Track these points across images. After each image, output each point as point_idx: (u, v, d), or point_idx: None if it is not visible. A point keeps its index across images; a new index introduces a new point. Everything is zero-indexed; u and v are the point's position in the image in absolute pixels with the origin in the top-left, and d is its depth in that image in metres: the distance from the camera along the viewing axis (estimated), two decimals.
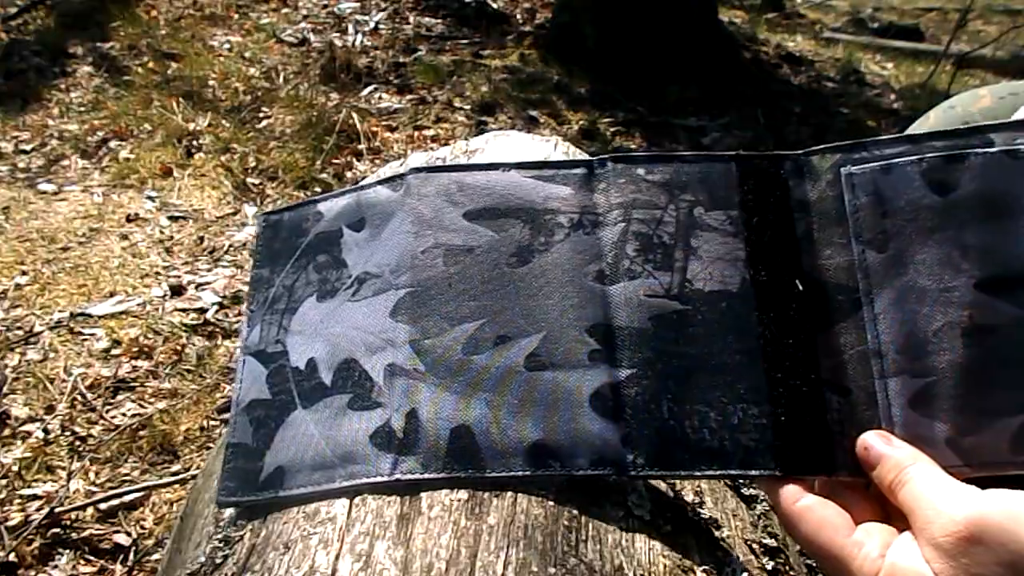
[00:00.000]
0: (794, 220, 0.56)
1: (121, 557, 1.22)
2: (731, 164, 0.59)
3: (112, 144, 2.55)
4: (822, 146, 0.57)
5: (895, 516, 0.45)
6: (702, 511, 0.55)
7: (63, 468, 1.35)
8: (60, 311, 1.74)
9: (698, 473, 0.50)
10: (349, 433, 0.54)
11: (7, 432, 1.41)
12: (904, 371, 0.49)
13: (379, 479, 0.51)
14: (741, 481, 0.61)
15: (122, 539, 1.25)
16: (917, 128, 1.06)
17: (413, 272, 0.58)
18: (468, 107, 2.97)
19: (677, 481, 0.56)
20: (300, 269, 0.63)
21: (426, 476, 0.51)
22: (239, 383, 0.60)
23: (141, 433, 1.44)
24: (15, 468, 1.33)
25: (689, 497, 0.56)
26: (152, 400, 1.52)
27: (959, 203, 0.51)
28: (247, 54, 3.21)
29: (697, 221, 0.57)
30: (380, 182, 0.64)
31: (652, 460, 0.50)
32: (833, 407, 0.50)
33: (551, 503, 0.50)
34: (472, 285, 0.57)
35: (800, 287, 0.54)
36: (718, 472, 0.50)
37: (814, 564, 0.60)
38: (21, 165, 2.43)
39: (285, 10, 3.69)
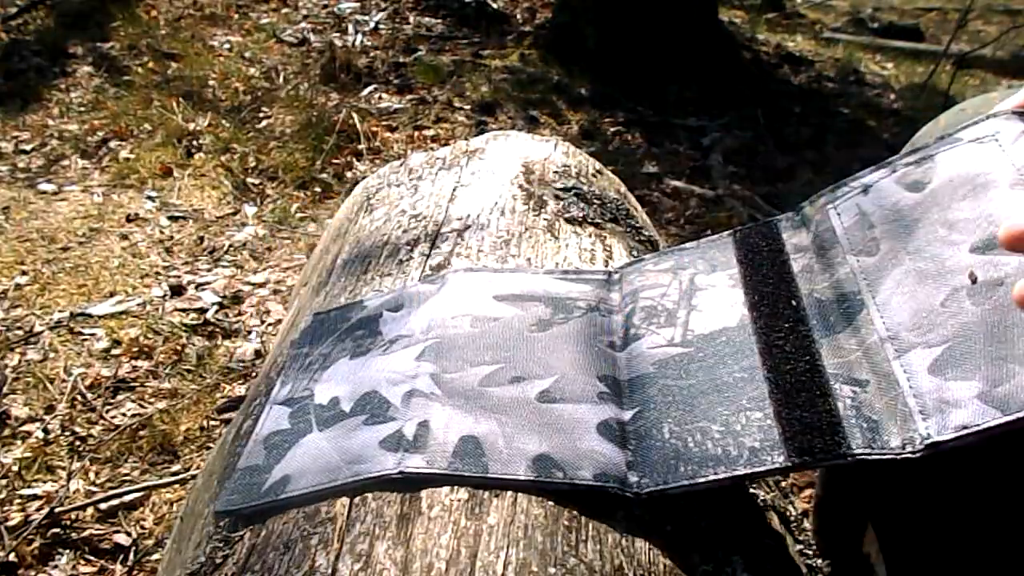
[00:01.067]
0: (792, 260, 0.59)
1: (121, 557, 1.22)
2: (729, 238, 0.64)
3: (112, 144, 2.55)
4: (810, 198, 0.62)
5: None
6: (702, 512, 0.55)
7: (63, 468, 1.35)
8: (60, 311, 1.74)
9: (702, 480, 0.49)
10: (360, 442, 0.55)
11: (7, 432, 1.41)
12: (917, 344, 0.48)
13: (383, 472, 0.52)
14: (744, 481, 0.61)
15: (122, 539, 1.25)
16: (928, 131, 1.07)
17: (441, 329, 0.63)
18: (468, 107, 2.97)
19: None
20: (338, 342, 0.67)
21: (430, 470, 0.51)
22: (260, 425, 0.61)
23: (141, 433, 1.43)
24: (15, 468, 1.33)
25: (689, 498, 0.56)
26: (152, 400, 1.52)
27: (937, 191, 0.53)
28: (247, 54, 3.21)
29: (698, 285, 0.62)
30: (422, 281, 0.72)
31: (656, 478, 0.50)
32: (846, 395, 0.49)
33: (551, 503, 0.50)
34: (494, 340, 0.61)
35: (795, 303, 0.55)
36: (724, 475, 0.49)
37: (815, 565, 0.60)
38: (21, 165, 2.43)
39: (285, 10, 3.69)
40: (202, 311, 1.79)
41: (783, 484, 0.69)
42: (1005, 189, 0.50)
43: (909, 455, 0.45)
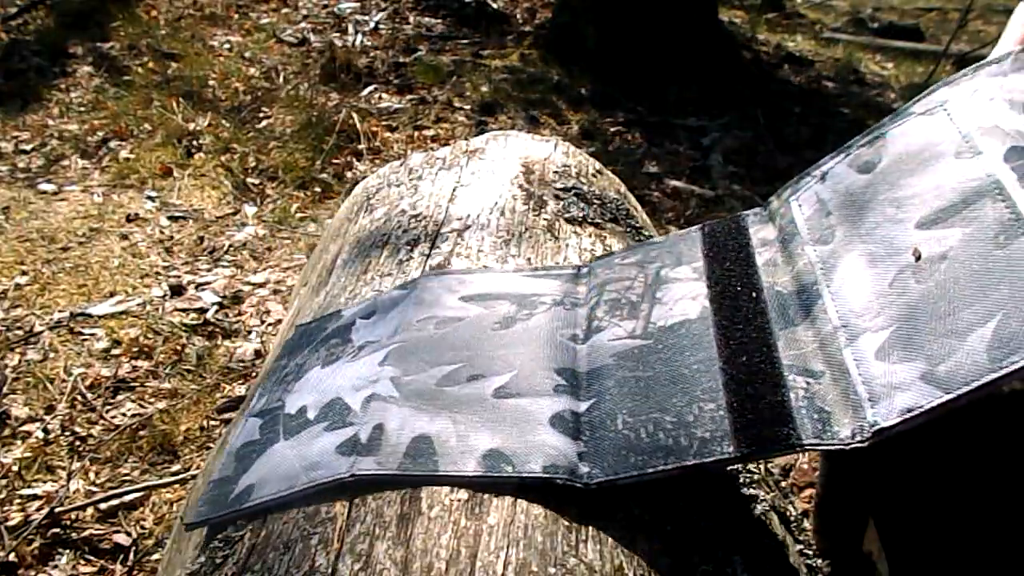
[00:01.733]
0: (757, 254, 0.59)
1: (121, 557, 1.22)
2: (697, 232, 0.64)
3: (112, 144, 2.54)
4: (777, 191, 0.62)
5: None
6: (702, 512, 0.55)
7: (63, 468, 1.35)
8: (60, 311, 1.74)
9: (651, 471, 0.49)
10: (319, 448, 0.55)
11: (7, 432, 1.41)
12: (865, 330, 0.48)
13: (336, 476, 0.52)
14: (741, 481, 0.61)
15: (122, 539, 1.25)
16: None
17: (406, 333, 0.64)
18: (468, 107, 2.97)
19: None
20: (313, 352, 0.68)
21: (380, 471, 0.51)
22: (236, 437, 0.62)
23: (141, 433, 1.43)
24: (15, 468, 1.33)
25: (689, 498, 0.56)
26: (152, 400, 1.52)
27: (886, 169, 0.53)
28: (247, 54, 3.21)
29: (663, 278, 0.62)
30: (396, 288, 0.72)
31: (607, 469, 0.50)
32: (799, 387, 0.49)
33: (552, 503, 0.50)
34: (456, 341, 0.62)
35: (756, 296, 0.55)
36: (673, 466, 0.49)
37: (815, 565, 0.60)
38: (21, 165, 2.43)
39: (285, 10, 3.69)
40: (202, 311, 1.79)
41: (783, 484, 0.69)
42: (951, 159, 0.50)
43: (858, 444, 0.44)
